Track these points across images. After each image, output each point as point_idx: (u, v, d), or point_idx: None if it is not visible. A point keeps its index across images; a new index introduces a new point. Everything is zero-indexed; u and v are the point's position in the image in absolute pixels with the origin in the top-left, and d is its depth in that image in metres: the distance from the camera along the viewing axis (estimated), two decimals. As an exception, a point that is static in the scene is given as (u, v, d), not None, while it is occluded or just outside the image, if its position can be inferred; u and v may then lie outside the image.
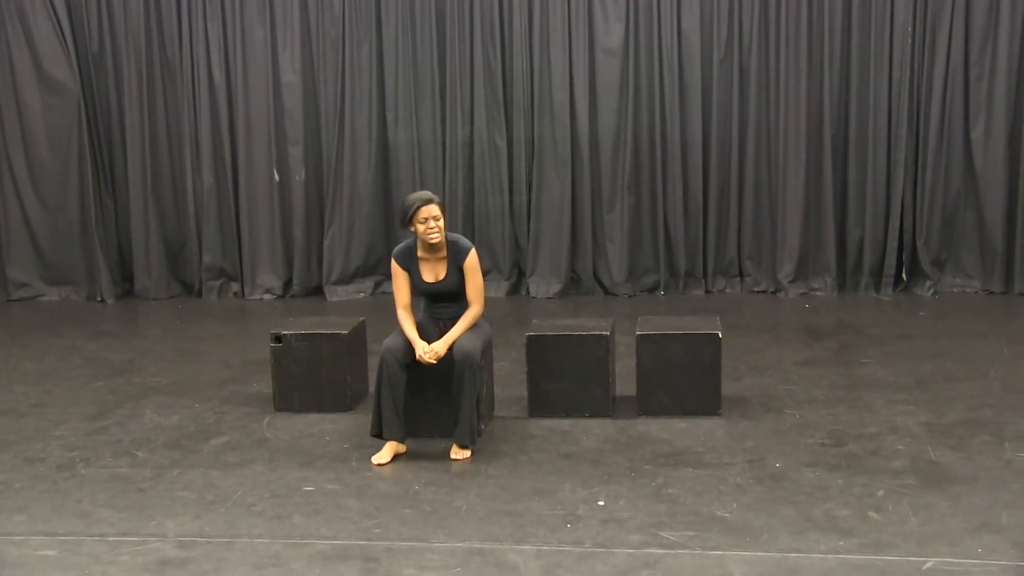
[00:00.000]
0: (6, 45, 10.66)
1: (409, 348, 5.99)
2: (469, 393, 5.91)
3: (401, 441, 6.01)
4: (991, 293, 9.91)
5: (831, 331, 8.73)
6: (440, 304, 6.15)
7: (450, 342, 5.97)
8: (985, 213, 9.90)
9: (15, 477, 5.91)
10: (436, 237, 5.97)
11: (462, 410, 5.93)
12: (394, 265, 6.16)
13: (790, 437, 6.15)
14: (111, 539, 5.04)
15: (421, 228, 5.96)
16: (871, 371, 7.48)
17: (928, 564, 4.55)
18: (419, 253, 6.11)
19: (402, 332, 6.03)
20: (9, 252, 10.95)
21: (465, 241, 6.14)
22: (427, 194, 6.03)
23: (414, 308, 6.18)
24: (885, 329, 8.71)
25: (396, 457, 5.99)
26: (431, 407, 6.18)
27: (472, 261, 6.07)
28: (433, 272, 6.11)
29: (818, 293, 10.08)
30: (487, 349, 6.29)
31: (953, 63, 9.78)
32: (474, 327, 6.08)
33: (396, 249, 6.22)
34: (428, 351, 5.93)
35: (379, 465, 5.90)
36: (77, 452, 6.28)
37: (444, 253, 6.09)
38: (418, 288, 6.14)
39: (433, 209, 5.94)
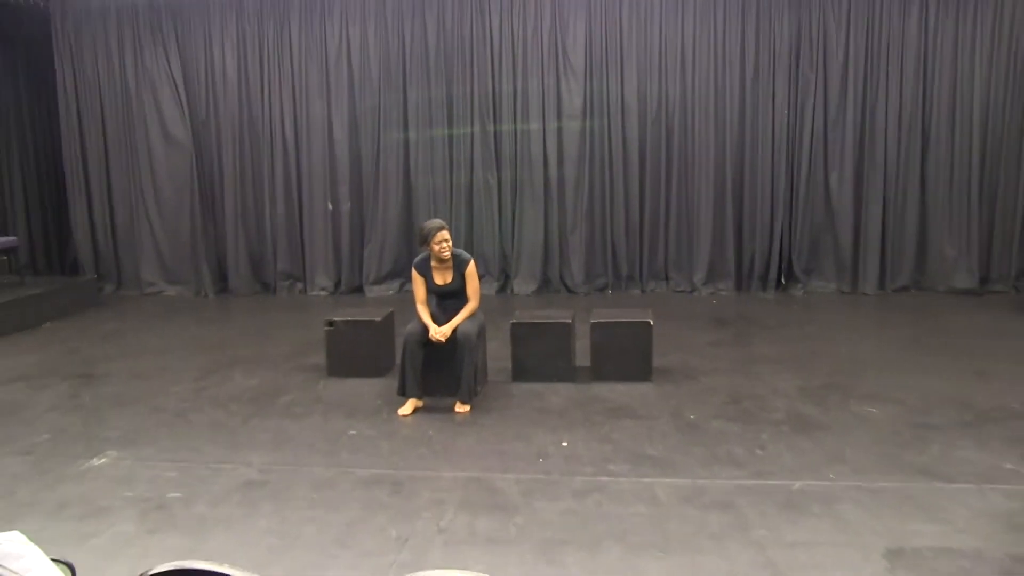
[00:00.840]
0: (143, 112, 10.66)
1: (425, 331, 6.00)
2: (468, 363, 5.92)
3: (419, 399, 6.03)
4: (843, 292, 9.94)
5: (732, 320, 8.76)
6: (447, 301, 6.16)
7: (454, 327, 5.98)
8: (839, 235, 9.91)
9: (145, 421, 5.92)
10: (447, 254, 5.99)
11: (463, 376, 5.94)
12: (414, 272, 6.17)
13: (702, 397, 6.18)
14: (212, 465, 5.06)
15: (436, 248, 5.97)
16: (760, 349, 7.52)
17: (797, 486, 4.58)
18: (432, 263, 6.12)
19: (420, 319, 6.06)
20: (141, 260, 10.93)
21: (466, 255, 6.15)
22: (439, 222, 6.05)
23: (428, 303, 6.20)
24: (770, 319, 8.74)
25: (415, 410, 6.00)
26: (441, 375, 6.19)
27: (471, 269, 6.08)
28: (442, 277, 6.12)
29: (722, 292, 10.10)
30: (481, 333, 6.29)
31: (816, 128, 9.80)
32: (472, 317, 6.09)
33: (415, 261, 6.22)
34: (438, 332, 5.95)
35: (403, 416, 5.92)
36: (188, 404, 6.28)
37: (450, 263, 6.10)
38: (431, 289, 6.15)
39: (445, 234, 5.97)
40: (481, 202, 10.36)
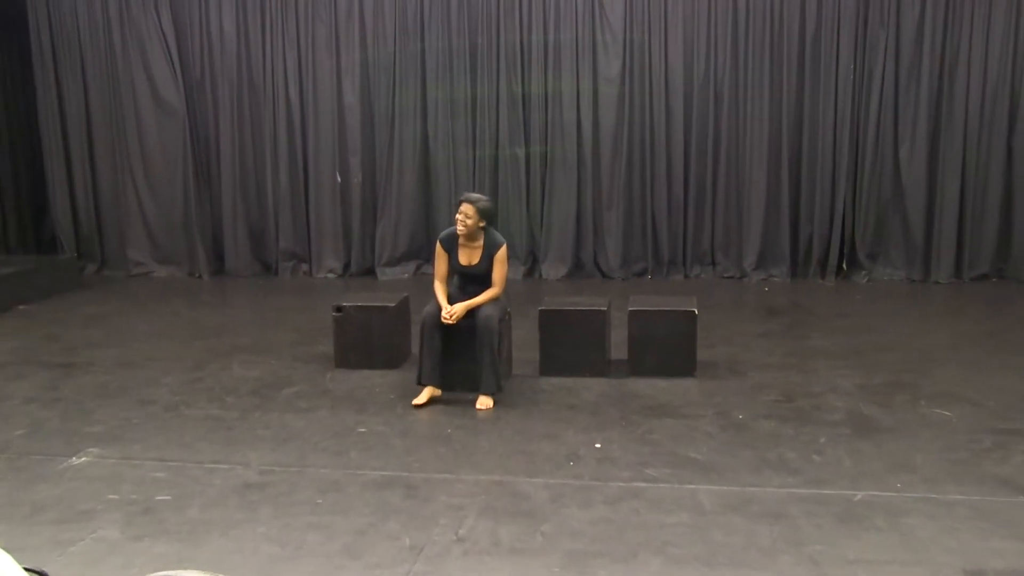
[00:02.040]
0: (130, 75, 10.72)
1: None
2: (489, 352, 5.92)
3: (437, 387, 6.05)
4: (913, 281, 9.86)
5: (785, 310, 8.71)
6: (470, 284, 6.15)
7: (468, 307, 5.97)
8: (909, 216, 9.83)
9: (132, 415, 5.97)
10: (460, 229, 5.98)
11: (484, 366, 5.96)
12: (438, 246, 6.16)
13: (750, 394, 6.15)
14: (207, 465, 5.09)
15: (456, 217, 5.98)
16: (816, 342, 7.47)
17: (858, 496, 4.55)
18: (460, 240, 6.11)
19: (436, 302, 6.06)
20: (129, 237, 11.02)
21: (500, 238, 6.12)
22: (473, 195, 6.03)
23: (449, 283, 6.21)
24: (828, 309, 8.69)
25: (432, 400, 6.02)
26: (462, 367, 6.18)
27: (502, 254, 6.06)
28: (468, 257, 6.11)
29: (775, 279, 10.05)
30: (504, 319, 6.27)
31: (885, 94, 9.70)
32: (494, 302, 6.08)
33: (442, 234, 6.22)
34: (447, 311, 5.93)
35: (417, 406, 5.94)
36: (180, 397, 6.33)
37: (480, 243, 6.07)
38: (454, 267, 6.15)
39: (467, 208, 5.95)
40: (507, 175, 10.35)
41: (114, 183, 11.01)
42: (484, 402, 5.99)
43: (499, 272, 6.07)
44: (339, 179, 10.62)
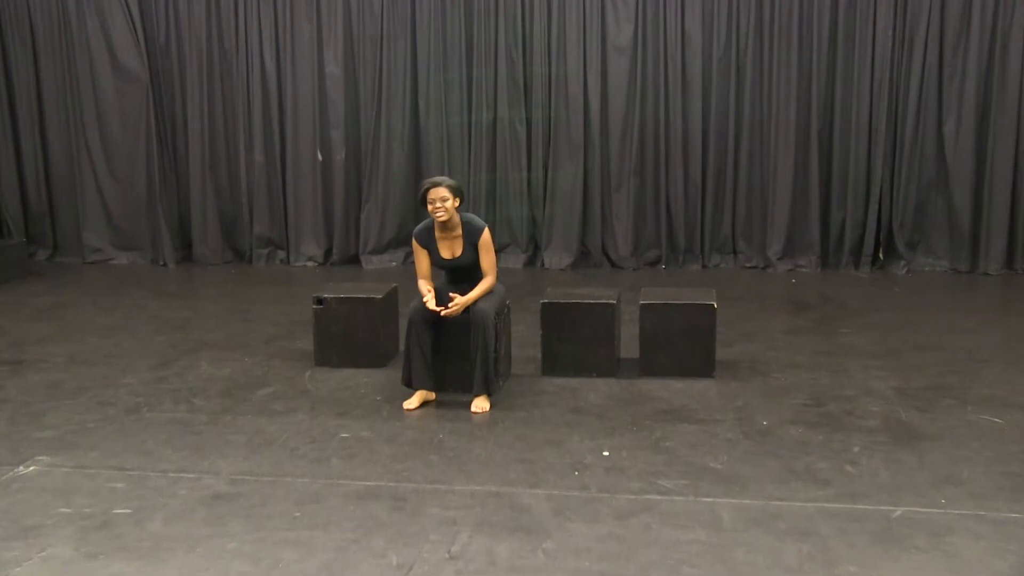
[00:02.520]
0: (86, 38, 10.67)
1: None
2: (484, 349, 5.91)
3: (430, 390, 6.04)
4: (958, 272, 9.85)
5: (814, 304, 8.69)
6: (459, 279, 6.13)
7: (465, 305, 5.95)
8: (954, 200, 9.81)
9: (89, 418, 5.94)
10: (441, 216, 5.93)
11: (478, 365, 5.94)
12: (415, 244, 6.16)
13: (775, 397, 6.13)
14: (171, 475, 5.07)
15: (430, 208, 5.95)
16: (849, 340, 7.45)
17: (897, 512, 4.53)
18: (436, 232, 6.09)
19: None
20: (84, 220, 10.99)
21: (479, 221, 6.09)
22: (438, 178, 6.01)
23: (435, 281, 6.19)
24: (862, 303, 8.67)
25: (424, 404, 6.02)
26: (455, 365, 6.17)
27: (485, 239, 6.04)
28: (450, 249, 6.08)
29: (803, 269, 10.03)
30: (502, 311, 6.26)
31: (928, 64, 9.67)
32: (489, 294, 6.06)
33: (416, 229, 6.20)
34: (436, 307, 5.89)
35: (408, 410, 5.93)
36: (142, 398, 6.31)
37: (459, 232, 6.05)
38: (438, 264, 6.13)
39: (440, 191, 5.90)
40: (506, 152, 10.32)
41: (68, 159, 10.97)
42: (480, 405, 5.96)
43: (488, 259, 6.05)
44: (320, 156, 10.59)
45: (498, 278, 6.19)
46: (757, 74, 9.98)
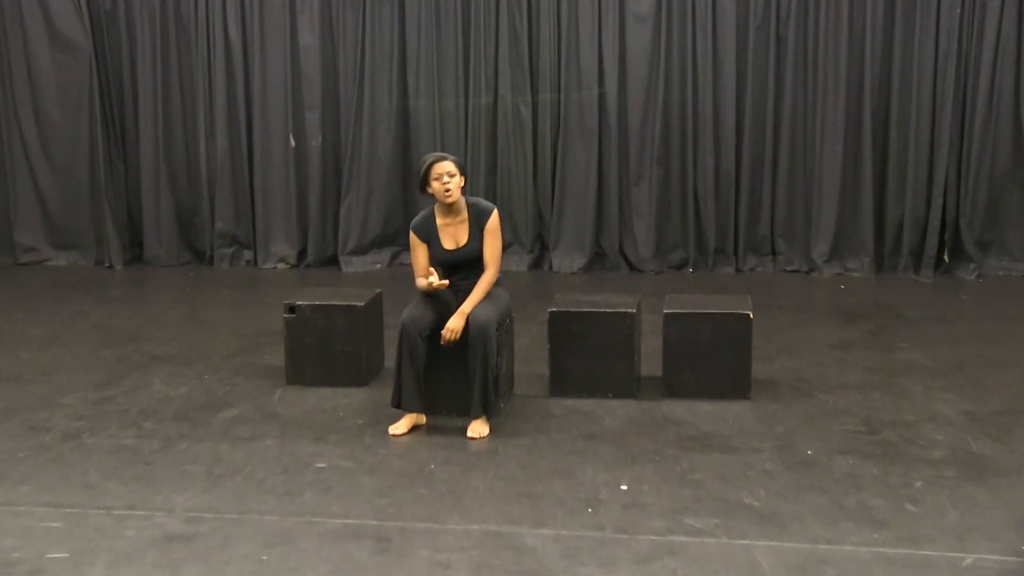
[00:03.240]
0: (16, 2, 10.67)
1: (429, 319, 5.98)
2: (483, 365, 5.90)
3: (421, 412, 6.04)
4: (1036, 276, 9.86)
5: (867, 313, 8.68)
6: (459, 274, 6.11)
7: (466, 314, 5.95)
8: (1033, 193, 9.84)
9: (19, 446, 5.92)
10: (452, 195, 5.95)
11: (476, 384, 5.92)
12: (412, 237, 6.14)
13: (822, 423, 6.11)
14: (117, 512, 5.04)
15: (436, 186, 5.95)
16: (908, 355, 7.43)
17: (968, 560, 4.50)
18: (438, 220, 6.09)
19: (421, 303, 6.03)
20: (16, 215, 10.99)
21: (487, 203, 6.15)
22: (440, 153, 6.06)
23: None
24: (924, 312, 8.66)
25: (414, 429, 6.01)
26: (449, 384, 6.15)
27: (494, 223, 6.06)
28: (454, 238, 6.08)
29: (854, 274, 10.02)
30: (504, 320, 6.24)
31: (1005, 34, 9.67)
32: (491, 297, 6.05)
33: (414, 221, 6.20)
34: (446, 331, 5.91)
35: (395, 436, 5.92)
36: (83, 422, 6.29)
37: (465, 216, 6.07)
38: (437, 258, 6.11)
39: (447, 165, 5.93)
40: (508, 139, 10.33)
41: (-2, 146, 10.99)
42: (477, 429, 5.95)
43: (494, 247, 6.07)
44: (293, 142, 10.60)
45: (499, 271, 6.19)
46: (800, 46, 9.98)
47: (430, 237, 6.10)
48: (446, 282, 5.98)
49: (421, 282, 6.06)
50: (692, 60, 10.05)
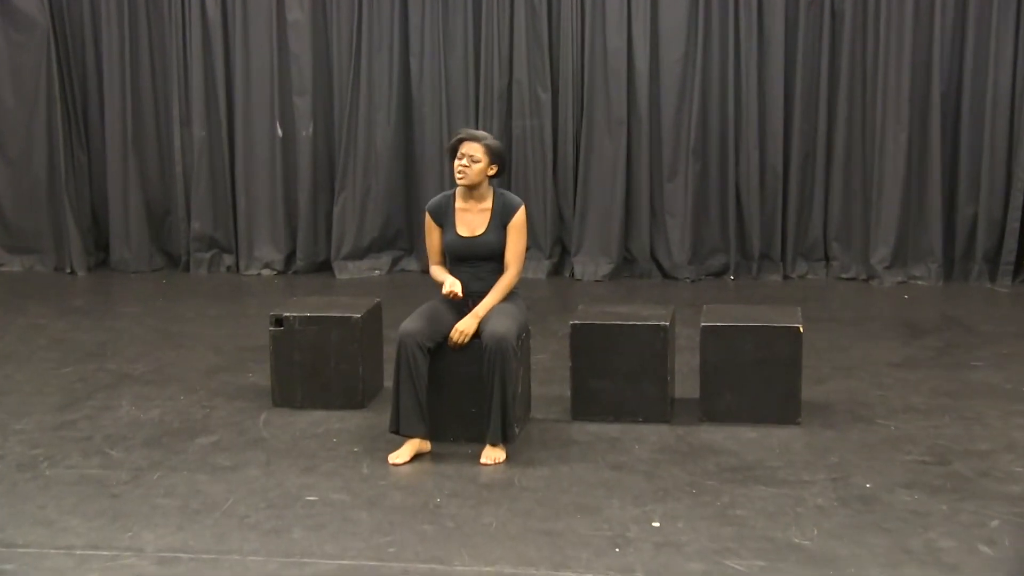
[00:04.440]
0: (-37, -29, 10.74)
1: (432, 330, 6.00)
2: (501, 384, 5.91)
3: (424, 438, 6.04)
4: None
5: (934, 327, 8.66)
6: (469, 266, 6.16)
7: (480, 317, 5.99)
8: None
9: (-32, 477, 5.95)
10: (464, 178, 6.06)
11: (493, 404, 5.93)
12: (427, 219, 6.29)
13: (883, 452, 6.09)
14: (79, 552, 5.05)
15: (456, 164, 6.09)
16: (983, 376, 7.41)
17: (1047, 607, 4.50)
18: (457, 203, 6.19)
19: (423, 311, 6.08)
20: (-34, 215, 11.04)
21: (515, 197, 6.24)
22: (480, 132, 6.18)
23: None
24: (1001, 326, 8.64)
25: (417, 457, 6.01)
26: (456, 405, 6.15)
27: (519, 220, 6.16)
28: (470, 226, 6.15)
29: (919, 282, 10.01)
30: (522, 334, 6.25)
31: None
32: (508, 307, 6.07)
33: (432, 201, 6.33)
34: (455, 332, 5.99)
35: (396, 465, 5.93)
36: (41, 450, 6.29)
37: (488, 205, 6.15)
38: (448, 244, 6.19)
39: (473, 147, 6.04)
40: (525, 131, 10.34)
41: (-57, 135, 11.04)
42: (493, 455, 5.97)
43: (517, 246, 6.15)
44: (280, 132, 10.62)
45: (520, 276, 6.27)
46: (859, 20, 9.98)
47: (445, 220, 6.18)
48: (461, 293, 6.02)
49: (436, 272, 6.15)
50: (734, 38, 10.05)
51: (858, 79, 10.03)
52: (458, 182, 6.11)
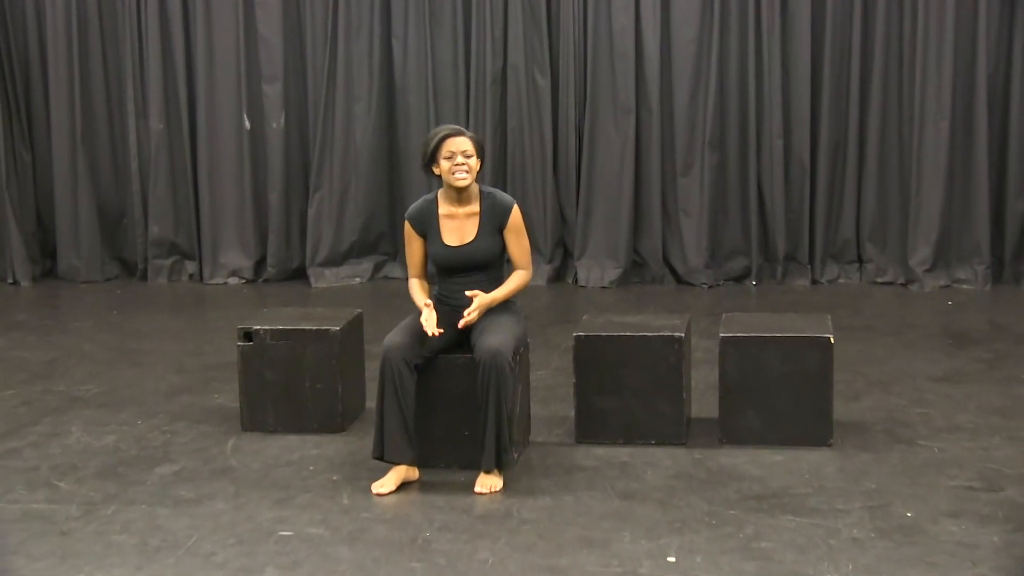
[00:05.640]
0: None
1: (419, 345, 6.00)
2: (496, 404, 5.90)
3: (411, 464, 6.04)
4: None
5: (982, 336, 8.67)
6: (459, 278, 6.15)
7: (486, 307, 6.02)
8: None
9: (-102, 512, 5.94)
10: (464, 179, 6.01)
11: (487, 426, 5.93)
12: (407, 228, 6.23)
13: (925, 477, 6.08)
14: (25, 595, 5.06)
15: (446, 167, 6.02)
16: (1037, 391, 7.44)
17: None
18: (441, 209, 6.14)
19: (408, 324, 6.06)
20: None
21: (505, 196, 6.23)
22: (454, 127, 6.14)
23: (425, 288, 6.25)
24: (1054, 335, 8.66)
25: (404, 486, 6.00)
26: (448, 427, 6.15)
27: (515, 220, 6.16)
28: (458, 233, 6.13)
29: (964, 286, 10.03)
30: (520, 348, 6.25)
31: None
32: (504, 318, 6.07)
33: (411, 207, 6.28)
34: (466, 317, 6.00)
35: (380, 495, 5.92)
36: (-19, 481, 6.31)
37: (476, 208, 6.13)
38: (435, 255, 6.16)
39: (463, 142, 6.00)
40: (521, 116, 10.38)
41: None
42: (488, 483, 5.95)
43: (520, 246, 6.20)
44: (247, 124, 10.63)
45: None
46: (892, 1, 10.01)
47: (428, 229, 6.16)
48: (439, 331, 5.99)
49: (415, 289, 6.16)
50: (755, 15, 10.09)
51: (894, 58, 10.06)
52: (457, 184, 6.03)
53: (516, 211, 6.18)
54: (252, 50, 10.56)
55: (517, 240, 6.18)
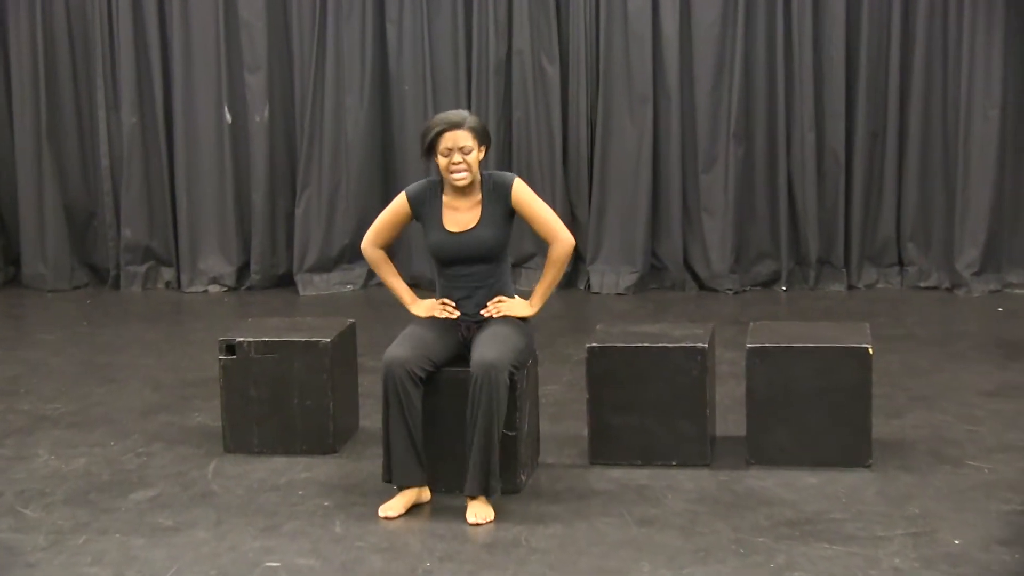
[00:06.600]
0: None
1: (424, 356, 5.99)
2: (485, 422, 5.88)
3: (421, 486, 6.06)
4: None
5: (1034, 347, 8.69)
6: (460, 268, 6.16)
7: (545, 299, 6.19)
8: None
9: None
10: (463, 180, 6.02)
11: (474, 446, 5.91)
12: (402, 201, 6.26)
13: (974, 501, 6.08)
14: (-11, 633, 5.08)
15: (443, 163, 6.02)
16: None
17: None
18: (445, 196, 6.16)
19: (412, 333, 6.08)
20: None
21: (504, 173, 6.24)
22: (457, 114, 6.09)
23: (432, 278, 6.26)
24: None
25: (414, 508, 6.02)
26: (451, 448, 6.14)
27: (521, 193, 6.13)
28: (459, 219, 6.13)
29: (1017, 291, 10.04)
30: (525, 361, 6.23)
31: None
32: (506, 328, 6.07)
33: (414, 184, 6.32)
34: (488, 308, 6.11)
35: (388, 519, 5.93)
36: (-59, 508, 6.32)
37: (477, 194, 6.14)
38: (435, 244, 6.16)
39: (461, 137, 5.97)
40: (527, 107, 10.41)
41: None
42: (480, 512, 5.93)
43: (542, 214, 6.20)
44: (229, 117, 10.65)
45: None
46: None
47: (428, 213, 6.17)
48: (456, 313, 6.03)
49: (386, 269, 6.31)
50: (784, 1, 10.10)
51: (937, 42, 10.07)
52: (457, 184, 6.04)
53: (518, 183, 6.14)
54: (233, 36, 10.58)
55: (533, 210, 6.15)
